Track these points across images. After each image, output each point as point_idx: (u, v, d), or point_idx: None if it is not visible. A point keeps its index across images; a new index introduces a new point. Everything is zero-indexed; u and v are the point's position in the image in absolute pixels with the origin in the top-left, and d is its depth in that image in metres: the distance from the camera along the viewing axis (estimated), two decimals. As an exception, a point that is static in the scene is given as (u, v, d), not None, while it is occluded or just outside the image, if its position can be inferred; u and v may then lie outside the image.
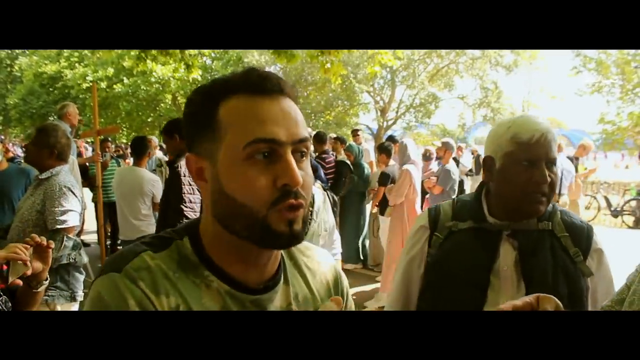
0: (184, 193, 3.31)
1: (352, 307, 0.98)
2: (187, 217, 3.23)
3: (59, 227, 2.57)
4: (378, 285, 5.54)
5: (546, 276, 1.28)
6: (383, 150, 5.79)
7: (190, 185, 3.35)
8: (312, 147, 2.27)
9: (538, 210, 1.29)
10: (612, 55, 15.32)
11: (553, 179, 1.29)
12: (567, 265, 1.30)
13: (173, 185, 3.39)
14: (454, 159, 6.92)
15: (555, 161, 1.30)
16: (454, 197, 1.55)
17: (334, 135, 7.62)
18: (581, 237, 1.35)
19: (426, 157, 6.27)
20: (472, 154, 10.79)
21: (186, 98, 0.81)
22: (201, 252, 0.77)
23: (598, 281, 1.34)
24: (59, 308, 2.60)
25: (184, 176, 3.37)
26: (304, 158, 0.75)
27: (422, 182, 5.74)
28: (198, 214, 3.26)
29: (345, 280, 0.97)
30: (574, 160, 7.11)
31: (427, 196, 6.21)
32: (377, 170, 6.12)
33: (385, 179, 5.52)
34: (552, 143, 1.29)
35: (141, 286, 0.71)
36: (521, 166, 1.29)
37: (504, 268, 1.30)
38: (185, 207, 3.29)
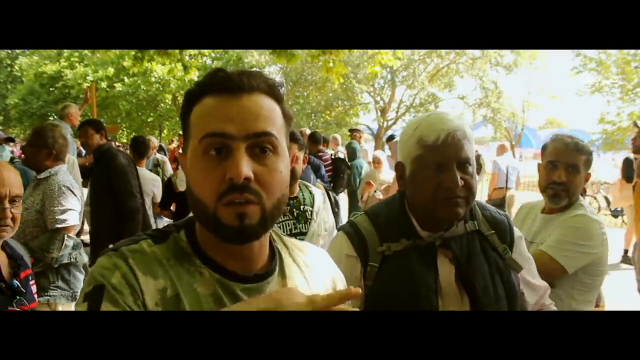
0: None
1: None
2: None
3: (58, 226, 2.57)
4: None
5: (486, 283, 1.21)
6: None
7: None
8: (295, 146, 2.28)
9: (455, 214, 1.18)
10: (612, 55, 15.33)
11: (468, 181, 1.18)
12: (500, 265, 1.25)
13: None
14: None
15: (468, 160, 1.18)
16: (365, 212, 1.37)
17: (338, 136, 7.67)
18: (505, 231, 1.31)
19: None
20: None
21: (182, 98, 0.84)
22: (195, 244, 0.81)
23: (525, 267, 1.33)
24: (60, 308, 2.60)
25: None
26: (268, 153, 0.75)
27: None
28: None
29: (343, 280, 0.98)
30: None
31: None
32: (372, 171, 6.11)
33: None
34: (463, 141, 1.17)
35: (130, 263, 0.75)
36: (430, 170, 1.18)
37: (445, 286, 1.21)
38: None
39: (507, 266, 1.27)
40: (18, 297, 1.55)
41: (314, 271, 0.92)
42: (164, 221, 4.78)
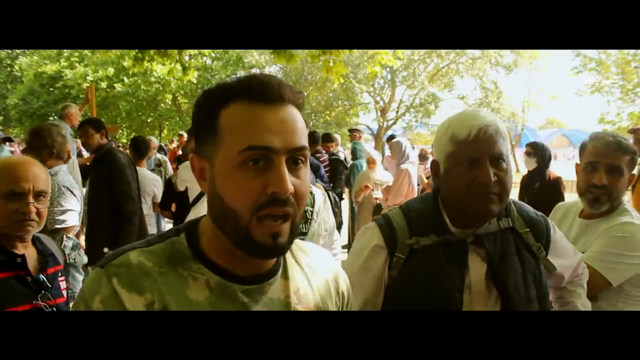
0: None
1: (353, 306, 0.98)
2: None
3: (58, 227, 2.57)
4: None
5: (518, 282, 1.20)
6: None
7: None
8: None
9: (490, 211, 1.18)
10: (612, 55, 15.33)
11: (501, 177, 1.17)
12: (533, 265, 1.24)
13: None
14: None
15: (501, 156, 1.17)
16: (400, 206, 1.38)
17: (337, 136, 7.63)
18: (541, 230, 1.29)
19: (422, 156, 6.27)
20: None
21: (188, 98, 0.82)
22: (195, 247, 0.80)
23: (560, 268, 1.32)
24: (58, 308, 2.60)
25: None
26: (301, 166, 0.75)
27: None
28: None
29: (346, 280, 0.98)
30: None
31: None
32: (366, 170, 6.10)
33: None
34: (496, 137, 1.16)
35: (113, 282, 0.74)
36: (463, 167, 1.18)
37: (476, 283, 1.20)
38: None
39: (540, 266, 1.26)
40: (43, 292, 1.56)
41: (317, 272, 0.91)
42: (166, 221, 4.77)
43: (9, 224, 1.53)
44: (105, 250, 3.23)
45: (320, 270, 0.92)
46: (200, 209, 4.01)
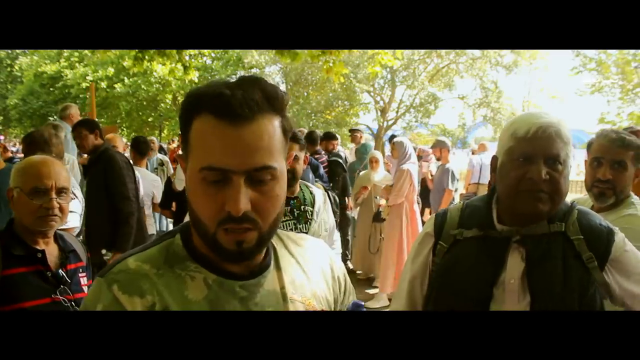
0: None
1: (351, 291, 1.00)
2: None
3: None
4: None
5: (553, 288, 1.18)
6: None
7: None
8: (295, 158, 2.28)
9: (536, 209, 1.18)
10: (612, 55, 15.33)
11: (554, 176, 1.17)
12: (580, 274, 1.19)
13: None
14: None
15: (557, 157, 1.18)
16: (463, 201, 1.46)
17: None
18: (599, 240, 1.22)
19: (418, 157, 6.24)
20: (473, 153, 10.78)
21: (183, 98, 0.83)
22: (190, 247, 0.82)
23: (621, 291, 1.22)
24: (58, 308, 2.60)
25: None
26: (264, 185, 0.75)
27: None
28: None
29: (341, 266, 0.99)
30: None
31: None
32: (367, 171, 6.07)
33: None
34: (555, 138, 1.17)
35: (114, 289, 0.76)
36: (517, 162, 1.20)
37: (510, 281, 1.21)
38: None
39: (591, 277, 1.20)
40: (62, 287, 1.63)
41: (311, 262, 0.93)
42: (169, 221, 4.76)
43: (34, 219, 1.61)
44: (103, 251, 3.23)
45: (314, 259, 0.94)
46: None
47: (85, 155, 4.54)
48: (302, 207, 2.39)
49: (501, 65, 19.97)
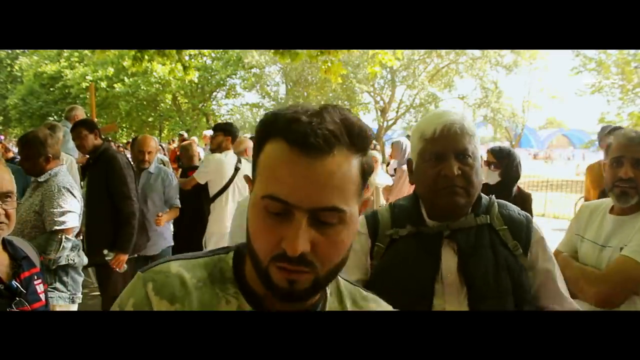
0: None
1: None
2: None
3: (57, 228, 2.56)
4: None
5: (487, 275, 1.24)
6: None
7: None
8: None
9: (455, 203, 1.24)
10: (612, 55, 15.33)
11: (466, 171, 1.23)
12: (509, 260, 1.27)
13: None
14: None
15: (466, 152, 1.24)
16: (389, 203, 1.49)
17: None
18: (520, 229, 1.31)
19: None
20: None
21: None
22: (238, 270, 0.78)
23: (536, 273, 1.31)
24: (57, 310, 2.59)
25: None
26: (329, 228, 0.67)
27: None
28: None
29: None
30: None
31: None
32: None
33: None
34: (460, 134, 1.24)
35: (148, 288, 0.74)
36: (430, 162, 1.26)
37: (447, 275, 1.26)
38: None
39: (519, 263, 1.28)
40: (17, 299, 1.53)
41: None
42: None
43: None
44: (105, 252, 3.22)
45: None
46: (219, 207, 4.03)
47: (80, 155, 4.54)
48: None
49: (501, 65, 19.99)
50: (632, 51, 13.74)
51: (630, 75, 15.24)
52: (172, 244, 4.09)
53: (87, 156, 3.63)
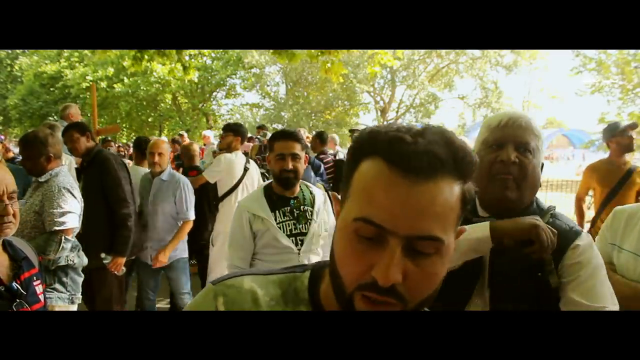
0: None
1: None
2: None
3: (57, 228, 2.56)
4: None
5: (509, 279, 1.24)
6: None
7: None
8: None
9: (504, 196, 1.27)
10: (612, 55, 15.32)
11: (522, 161, 1.27)
12: (541, 272, 1.24)
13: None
14: None
15: (527, 146, 1.28)
16: None
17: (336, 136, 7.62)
18: (561, 242, 1.23)
19: None
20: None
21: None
22: (314, 292, 0.75)
23: (563, 285, 1.23)
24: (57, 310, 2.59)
25: None
26: (424, 259, 0.62)
27: None
28: None
29: None
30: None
31: None
32: None
33: None
34: (524, 127, 1.29)
35: (218, 302, 0.73)
36: (490, 149, 1.31)
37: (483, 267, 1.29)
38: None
39: (548, 278, 1.23)
40: (18, 300, 1.52)
41: None
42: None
43: None
44: (103, 255, 3.22)
45: None
46: (228, 207, 4.04)
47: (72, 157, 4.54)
48: (302, 207, 2.39)
49: (501, 65, 19.99)
50: (632, 51, 13.73)
51: (630, 75, 15.23)
52: (186, 255, 3.90)
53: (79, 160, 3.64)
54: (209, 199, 4.48)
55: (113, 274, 3.28)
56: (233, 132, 4.39)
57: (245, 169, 4.24)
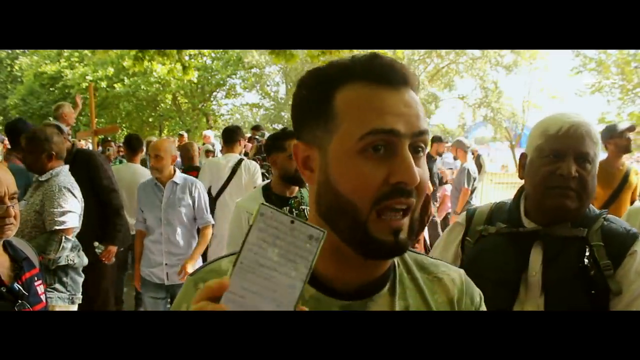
0: None
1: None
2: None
3: (57, 228, 2.56)
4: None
5: (564, 285, 1.19)
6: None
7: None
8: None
9: (564, 205, 1.19)
10: (612, 55, 15.34)
11: (583, 175, 1.19)
12: (595, 278, 1.18)
13: None
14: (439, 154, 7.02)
15: (587, 156, 1.20)
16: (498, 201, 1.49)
17: None
18: (618, 246, 1.20)
19: None
20: (473, 154, 10.77)
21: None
22: None
23: (625, 289, 1.18)
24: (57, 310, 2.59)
25: None
26: (421, 154, 0.69)
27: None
28: None
29: (476, 297, 0.83)
30: None
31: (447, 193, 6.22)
32: None
33: None
34: (585, 136, 1.19)
35: (199, 288, 0.71)
36: (547, 159, 1.22)
37: (532, 273, 1.24)
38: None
39: (605, 284, 1.18)
40: (20, 301, 1.52)
41: (436, 291, 0.79)
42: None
43: None
44: (96, 244, 3.24)
45: (439, 288, 0.80)
46: (219, 209, 4.03)
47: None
48: (301, 206, 2.39)
49: (501, 65, 19.99)
50: (632, 51, 13.74)
51: (630, 75, 15.24)
52: None
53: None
54: (211, 201, 4.50)
55: (106, 267, 3.32)
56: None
57: (234, 170, 4.15)
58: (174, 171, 3.29)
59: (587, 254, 1.20)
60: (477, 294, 0.84)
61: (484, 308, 0.84)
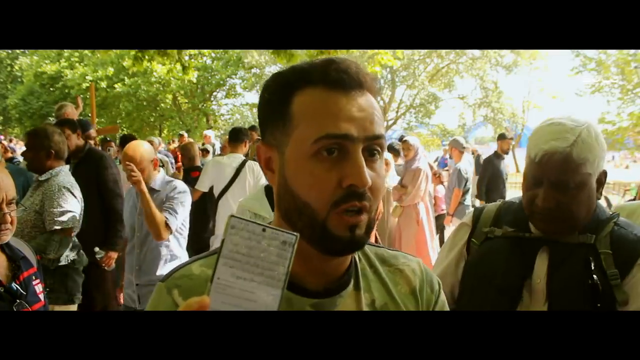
0: None
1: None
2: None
3: (57, 227, 2.56)
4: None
5: (569, 294, 1.17)
6: (390, 149, 5.68)
7: None
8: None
9: (548, 229, 1.21)
10: (612, 55, 15.34)
11: (562, 202, 1.15)
12: (602, 287, 1.15)
13: None
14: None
15: (566, 184, 1.15)
16: (502, 199, 1.48)
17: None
18: (627, 253, 1.17)
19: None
20: (473, 153, 10.79)
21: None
22: None
23: (633, 299, 1.14)
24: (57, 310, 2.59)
25: None
26: (377, 157, 0.70)
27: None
28: None
29: (435, 285, 0.86)
30: None
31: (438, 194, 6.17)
32: None
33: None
34: (562, 164, 1.13)
35: (173, 295, 0.72)
36: (529, 183, 1.22)
37: (537, 281, 1.22)
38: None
39: (611, 293, 1.15)
40: (18, 301, 1.52)
41: (399, 282, 0.82)
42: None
43: None
44: (96, 249, 3.22)
45: (401, 279, 0.82)
46: (222, 209, 4.02)
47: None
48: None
49: (501, 65, 20.01)
50: (632, 51, 13.74)
51: (630, 75, 15.24)
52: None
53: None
54: (211, 200, 4.49)
55: (106, 270, 3.30)
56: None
57: (238, 170, 4.15)
58: (156, 176, 2.75)
59: (593, 265, 1.17)
60: (436, 281, 0.86)
61: (442, 295, 0.86)
